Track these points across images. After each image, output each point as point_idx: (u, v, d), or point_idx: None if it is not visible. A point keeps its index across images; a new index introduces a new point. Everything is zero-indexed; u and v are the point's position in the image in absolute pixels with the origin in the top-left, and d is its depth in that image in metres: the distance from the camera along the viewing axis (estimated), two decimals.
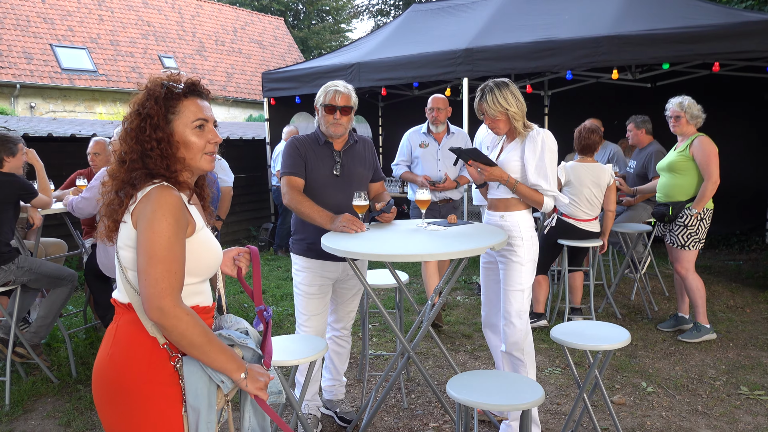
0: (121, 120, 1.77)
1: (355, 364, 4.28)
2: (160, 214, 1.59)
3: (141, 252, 1.59)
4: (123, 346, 1.65)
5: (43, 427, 3.50)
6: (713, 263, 7.07)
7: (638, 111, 6.18)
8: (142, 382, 1.62)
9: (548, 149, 2.96)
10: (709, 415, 3.47)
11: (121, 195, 1.67)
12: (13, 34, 16.89)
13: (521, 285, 3.01)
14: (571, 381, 3.95)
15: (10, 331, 3.87)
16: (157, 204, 1.60)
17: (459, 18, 7.79)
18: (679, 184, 4.55)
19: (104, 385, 1.65)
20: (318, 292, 3.20)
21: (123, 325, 1.67)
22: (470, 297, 5.92)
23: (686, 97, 4.59)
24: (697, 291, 4.53)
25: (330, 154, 3.16)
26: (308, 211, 3.02)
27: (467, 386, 2.33)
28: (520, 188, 2.98)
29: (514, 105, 2.95)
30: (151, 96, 1.68)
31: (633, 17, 6.12)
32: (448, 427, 3.39)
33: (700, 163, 4.43)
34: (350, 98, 3.10)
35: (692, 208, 4.43)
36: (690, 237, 4.48)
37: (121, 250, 1.68)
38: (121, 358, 1.64)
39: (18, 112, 15.89)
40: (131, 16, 20.70)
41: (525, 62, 6.30)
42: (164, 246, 1.58)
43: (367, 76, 7.34)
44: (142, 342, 1.64)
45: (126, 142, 1.69)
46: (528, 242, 3.02)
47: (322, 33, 31.33)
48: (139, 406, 1.62)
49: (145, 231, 1.59)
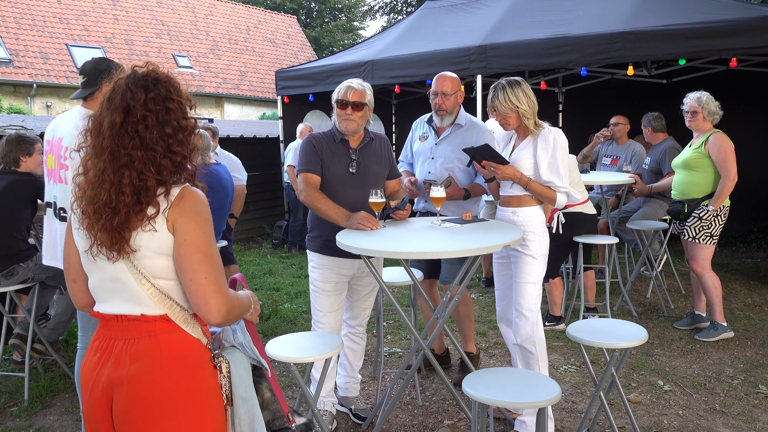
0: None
1: (369, 361, 4.29)
2: (205, 214, 1.61)
3: (192, 252, 1.56)
4: (175, 357, 1.59)
5: (61, 422, 3.54)
6: (730, 261, 7.00)
7: (654, 107, 6.13)
8: (199, 388, 1.61)
9: (560, 147, 3.03)
10: (726, 413, 3.43)
11: (142, 199, 1.58)
12: (30, 34, 17.08)
13: (533, 278, 3.07)
14: (587, 379, 3.93)
15: (28, 328, 3.92)
16: (201, 203, 1.61)
17: (472, 15, 7.76)
18: (695, 182, 4.49)
19: (163, 401, 1.57)
20: (334, 289, 3.21)
21: (166, 337, 1.60)
22: (484, 294, 5.91)
23: (704, 92, 4.54)
24: (714, 289, 4.48)
25: (346, 152, 3.17)
26: (324, 208, 3.03)
27: (483, 384, 2.32)
28: (533, 186, 3.04)
29: (525, 103, 3.03)
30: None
31: (648, 12, 6.06)
32: (463, 424, 3.39)
33: (717, 160, 4.37)
34: (364, 95, 3.11)
35: (710, 205, 4.38)
36: (701, 230, 4.42)
37: (145, 259, 1.59)
38: (178, 369, 1.59)
39: (35, 112, 16.07)
40: (145, 16, 20.85)
41: (539, 59, 6.26)
42: (212, 244, 1.60)
43: (381, 74, 7.34)
44: (192, 348, 1.62)
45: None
46: (540, 237, 3.09)
47: (335, 31, 31.37)
48: (198, 412, 1.60)
49: (194, 230, 1.57)
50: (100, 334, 1.66)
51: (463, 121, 3.69)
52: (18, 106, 15.03)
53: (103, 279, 1.64)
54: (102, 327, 1.67)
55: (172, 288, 1.62)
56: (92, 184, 1.60)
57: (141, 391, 1.57)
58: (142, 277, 1.59)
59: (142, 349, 1.59)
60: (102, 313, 1.66)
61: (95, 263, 1.64)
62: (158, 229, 1.57)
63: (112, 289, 1.63)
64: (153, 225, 1.57)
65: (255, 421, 1.66)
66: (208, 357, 1.64)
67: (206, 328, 1.69)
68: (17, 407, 3.72)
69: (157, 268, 1.59)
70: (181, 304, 1.64)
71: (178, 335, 1.61)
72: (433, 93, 3.64)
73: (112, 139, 1.59)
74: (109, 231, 1.57)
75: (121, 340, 1.61)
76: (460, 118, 3.69)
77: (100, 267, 1.63)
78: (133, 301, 1.61)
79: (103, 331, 1.66)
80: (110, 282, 1.63)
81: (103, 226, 1.57)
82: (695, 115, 4.50)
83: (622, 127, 6.07)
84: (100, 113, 1.62)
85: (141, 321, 1.61)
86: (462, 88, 3.70)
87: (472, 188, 3.61)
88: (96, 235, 1.59)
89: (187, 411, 1.58)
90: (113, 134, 1.59)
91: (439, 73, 3.67)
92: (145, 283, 1.59)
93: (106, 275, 1.63)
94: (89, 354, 1.67)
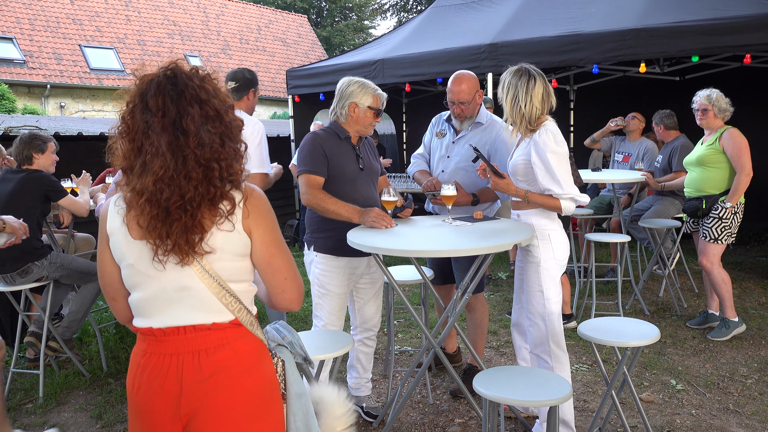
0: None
1: (380, 360, 4.29)
2: (271, 208, 1.64)
3: (273, 248, 1.60)
4: (252, 363, 1.60)
5: (75, 419, 3.57)
6: (744, 259, 6.94)
7: (666, 105, 6.09)
8: (272, 389, 1.65)
9: (549, 150, 2.78)
10: (740, 413, 3.40)
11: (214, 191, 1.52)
12: (44, 35, 17.24)
13: (540, 286, 2.92)
14: (599, 378, 3.91)
15: (43, 326, 3.96)
16: (266, 199, 1.63)
17: (483, 13, 7.73)
18: (711, 178, 4.46)
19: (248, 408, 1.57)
20: (347, 290, 3.22)
21: (240, 344, 1.59)
22: (495, 293, 5.90)
23: (714, 89, 4.50)
24: (723, 284, 4.45)
25: (351, 149, 3.18)
26: (333, 207, 2.98)
27: (494, 382, 2.32)
28: (532, 198, 2.89)
29: (528, 104, 2.82)
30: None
31: (661, 9, 6.01)
32: (473, 422, 3.38)
33: (732, 156, 4.34)
34: None
35: (726, 202, 4.34)
36: (724, 230, 4.39)
37: (220, 262, 1.55)
38: (256, 374, 1.60)
39: (48, 112, 16.22)
40: (157, 16, 20.98)
41: (550, 56, 6.23)
42: (282, 236, 1.65)
43: (391, 72, 7.34)
44: (262, 350, 1.64)
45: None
46: (544, 242, 2.92)
47: (345, 31, 31.39)
48: (276, 412, 1.65)
49: (270, 224, 1.60)
50: (152, 350, 1.56)
51: (484, 119, 3.52)
52: (32, 107, 15.18)
53: (163, 290, 1.54)
54: (154, 343, 1.56)
55: (242, 291, 1.61)
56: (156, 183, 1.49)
57: (226, 402, 1.53)
58: (214, 282, 1.54)
59: (219, 360, 1.54)
60: (158, 328, 1.55)
61: (151, 275, 1.54)
62: (236, 227, 1.54)
63: (175, 299, 1.54)
64: (232, 222, 1.54)
65: (309, 415, 1.69)
66: (269, 357, 1.67)
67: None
68: (32, 404, 3.76)
69: (231, 270, 1.57)
70: (248, 307, 1.63)
71: (249, 339, 1.61)
72: (450, 101, 3.46)
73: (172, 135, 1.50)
74: (183, 231, 1.49)
75: (189, 354, 1.53)
76: (480, 116, 3.53)
77: (159, 277, 1.54)
78: (203, 308, 1.55)
79: (156, 347, 1.56)
80: (173, 292, 1.54)
81: (175, 227, 1.48)
82: (706, 112, 4.47)
83: (638, 123, 6.04)
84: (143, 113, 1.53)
85: (212, 330, 1.55)
86: (479, 85, 3.52)
87: (482, 193, 3.43)
88: (164, 239, 1.49)
89: (268, 414, 1.61)
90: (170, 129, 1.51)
91: (454, 76, 3.44)
92: (218, 289, 1.54)
93: (168, 285, 1.54)
94: (137, 374, 1.57)
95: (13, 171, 4.09)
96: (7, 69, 15.69)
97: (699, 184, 4.53)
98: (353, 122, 3.14)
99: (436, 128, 3.74)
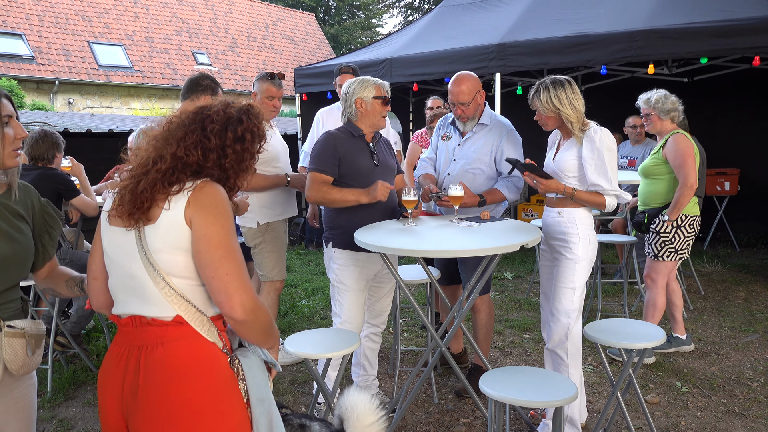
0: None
1: (386, 359, 4.31)
2: (224, 208, 1.54)
3: (212, 248, 1.49)
4: (187, 367, 1.52)
5: (83, 414, 3.60)
6: (751, 262, 6.91)
7: None
8: (218, 397, 1.53)
9: (606, 147, 2.91)
10: (746, 416, 3.40)
11: (176, 171, 1.57)
12: (53, 31, 17.32)
13: (573, 283, 2.98)
14: (604, 379, 3.91)
15: (52, 321, 3.99)
16: (220, 197, 1.56)
17: (491, 13, 7.73)
18: (653, 191, 4.10)
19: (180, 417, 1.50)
20: (364, 287, 3.24)
21: (175, 344, 1.53)
22: (501, 293, 5.90)
23: (657, 90, 4.19)
24: (654, 308, 4.06)
25: (366, 146, 3.20)
26: (338, 195, 3.04)
27: (500, 382, 2.33)
28: (579, 195, 2.95)
29: (567, 107, 2.92)
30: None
31: (670, 10, 6.00)
32: (479, 422, 3.39)
33: (673, 165, 3.95)
34: None
35: (665, 215, 3.97)
36: (664, 246, 4.00)
37: (161, 253, 1.53)
38: (189, 380, 1.51)
39: (57, 108, 16.30)
40: (166, 13, 21.04)
41: (558, 57, 6.22)
42: (233, 239, 1.53)
43: (399, 72, 7.34)
44: (204, 353, 1.54)
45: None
46: (584, 240, 2.99)
47: (353, 29, 31.40)
48: (221, 422, 1.52)
49: (212, 225, 1.51)
50: (118, 341, 1.62)
51: (488, 120, 3.51)
52: (41, 103, 15.26)
53: (122, 276, 1.59)
54: (119, 333, 1.63)
55: (187, 287, 1.55)
56: (140, 154, 1.62)
57: (154, 408, 1.51)
58: (157, 275, 1.52)
59: (151, 359, 1.53)
60: (118, 316, 1.62)
61: (116, 261, 1.60)
62: (175, 212, 1.52)
63: (129, 287, 1.58)
64: (169, 202, 1.53)
65: (273, 422, 1.60)
66: (225, 362, 1.57)
67: (223, 332, 1.62)
68: (40, 399, 3.79)
69: (173, 264, 1.53)
70: (197, 305, 1.56)
71: (189, 341, 1.54)
72: (450, 103, 3.48)
73: (178, 122, 1.64)
74: (133, 194, 1.55)
75: (136, 348, 1.55)
76: (484, 117, 3.51)
77: (122, 264, 1.59)
78: (146, 300, 1.55)
79: (120, 338, 1.61)
80: (128, 279, 1.57)
81: (131, 189, 1.55)
82: (648, 117, 4.14)
83: (641, 130, 6.02)
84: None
85: (152, 326, 1.54)
86: (481, 86, 3.50)
87: (489, 194, 3.40)
88: (122, 198, 1.57)
89: (207, 424, 1.51)
90: (183, 119, 1.64)
91: (454, 78, 3.44)
92: (160, 281, 1.52)
93: (125, 272, 1.58)
94: (108, 361, 1.63)
95: (27, 168, 4.11)
96: (16, 65, 15.78)
97: (644, 196, 4.19)
98: (364, 117, 3.18)
99: (442, 131, 3.73)
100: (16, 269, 1.74)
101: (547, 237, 3.13)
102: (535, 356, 4.31)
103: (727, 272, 6.47)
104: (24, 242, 1.76)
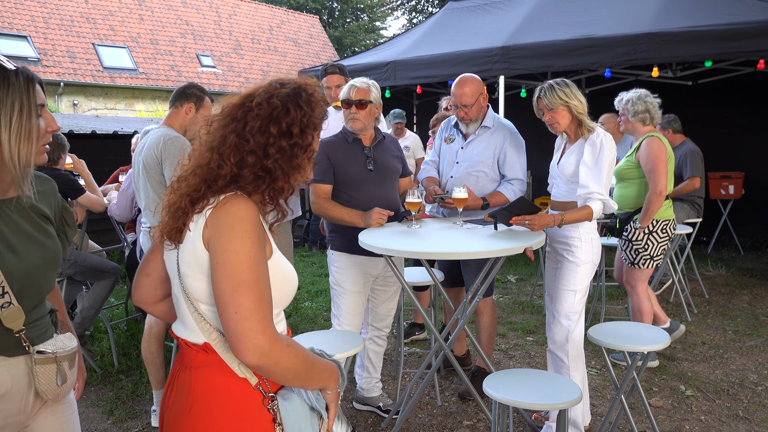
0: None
1: (389, 361, 4.31)
2: (245, 229, 1.31)
3: (222, 278, 1.29)
4: (208, 398, 1.37)
5: (87, 414, 3.61)
6: (755, 266, 6.90)
7: (678, 110, 6.07)
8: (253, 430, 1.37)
9: (607, 152, 2.92)
10: (750, 420, 3.39)
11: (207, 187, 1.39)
12: (58, 33, 17.39)
13: (574, 286, 3.00)
14: (608, 382, 3.90)
15: None
16: (243, 215, 1.33)
17: (495, 15, 7.74)
18: (626, 194, 4.01)
19: None
20: (362, 289, 3.24)
21: (202, 372, 1.39)
22: (504, 296, 5.90)
23: (636, 90, 4.09)
24: (641, 314, 3.99)
25: (361, 151, 3.20)
26: (338, 215, 3.09)
27: (504, 384, 2.33)
28: (568, 218, 2.92)
29: (574, 99, 2.96)
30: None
31: (674, 14, 6.00)
32: (482, 425, 3.39)
33: (645, 170, 3.85)
34: (368, 92, 3.13)
35: (636, 222, 3.89)
36: (638, 254, 3.92)
37: (188, 278, 1.39)
38: (208, 412, 1.36)
39: (61, 110, 16.36)
40: (170, 16, 21.10)
41: (562, 60, 6.22)
42: (251, 266, 1.30)
43: (403, 74, 7.36)
44: (231, 388, 1.37)
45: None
46: (587, 243, 3.00)
47: (357, 31, 31.43)
48: None
49: (225, 251, 1.30)
50: (176, 357, 1.52)
51: (490, 123, 3.51)
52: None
53: (173, 294, 1.49)
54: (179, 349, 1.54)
55: (214, 316, 1.38)
56: (183, 163, 1.48)
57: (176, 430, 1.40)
58: (187, 299, 1.40)
59: (182, 381, 1.41)
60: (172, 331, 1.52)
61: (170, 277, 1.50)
62: (194, 233, 1.36)
63: (175, 306, 1.48)
64: (194, 223, 1.36)
65: None
66: (258, 400, 1.38)
67: None
68: None
69: (198, 290, 1.38)
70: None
71: (214, 370, 1.38)
72: (453, 105, 3.47)
73: (218, 121, 1.45)
74: (168, 211, 1.41)
75: (178, 368, 1.45)
76: (487, 120, 3.51)
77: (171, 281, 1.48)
78: (184, 323, 1.44)
79: (177, 355, 1.52)
80: (174, 298, 1.47)
81: (167, 205, 1.42)
82: (621, 117, 4.09)
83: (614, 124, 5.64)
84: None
85: (189, 348, 1.42)
86: (485, 88, 3.52)
87: (492, 197, 3.41)
88: (162, 215, 1.44)
89: None
90: (223, 114, 1.45)
91: (457, 80, 3.44)
92: (190, 306, 1.40)
93: (173, 291, 1.47)
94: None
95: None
96: None
97: (619, 200, 4.07)
98: (345, 122, 3.22)
99: (445, 133, 3.71)
100: (45, 279, 1.56)
101: (551, 240, 3.14)
102: (539, 359, 4.31)
103: (732, 276, 6.45)
104: (52, 247, 1.58)
